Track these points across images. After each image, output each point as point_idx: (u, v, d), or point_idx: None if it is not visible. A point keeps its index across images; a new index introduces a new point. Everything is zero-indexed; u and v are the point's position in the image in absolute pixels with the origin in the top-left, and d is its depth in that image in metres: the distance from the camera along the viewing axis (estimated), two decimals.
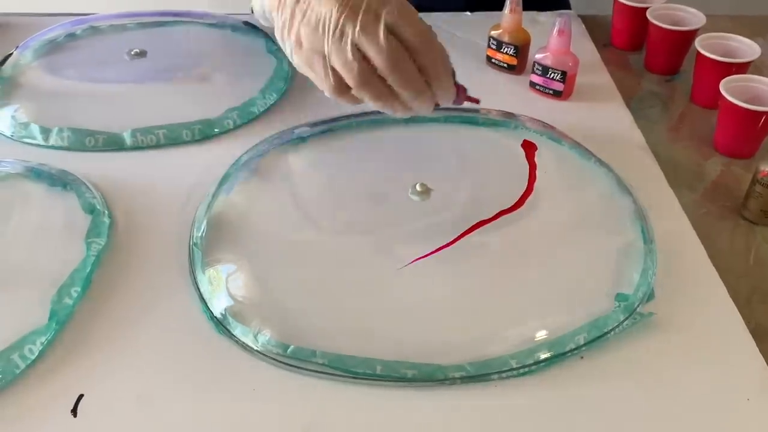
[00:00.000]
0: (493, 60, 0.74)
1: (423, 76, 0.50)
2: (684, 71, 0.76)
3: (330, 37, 0.48)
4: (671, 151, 0.65)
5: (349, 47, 0.48)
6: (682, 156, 0.65)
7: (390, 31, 0.48)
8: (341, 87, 0.50)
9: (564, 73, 0.67)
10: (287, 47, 0.52)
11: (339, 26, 0.48)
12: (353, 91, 0.50)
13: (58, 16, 0.81)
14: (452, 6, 0.84)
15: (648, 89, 0.74)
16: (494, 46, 0.73)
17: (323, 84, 0.51)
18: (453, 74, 0.53)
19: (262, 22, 0.54)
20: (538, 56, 0.68)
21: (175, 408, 0.43)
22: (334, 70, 0.49)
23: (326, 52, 0.49)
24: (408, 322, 0.47)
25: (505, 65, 0.73)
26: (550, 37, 0.67)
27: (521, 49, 0.72)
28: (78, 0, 1.01)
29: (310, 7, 0.49)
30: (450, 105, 0.54)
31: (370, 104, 0.51)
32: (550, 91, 0.69)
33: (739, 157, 0.64)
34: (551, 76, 0.68)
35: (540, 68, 0.69)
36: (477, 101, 0.56)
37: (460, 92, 0.55)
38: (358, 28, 0.47)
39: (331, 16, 0.48)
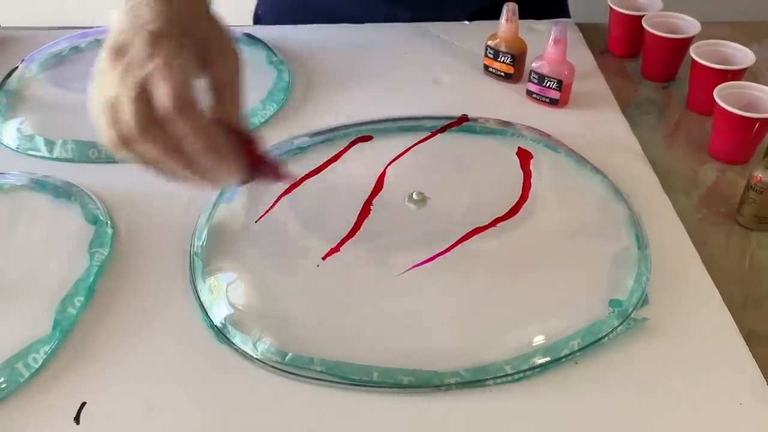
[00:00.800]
0: (490, 69, 0.75)
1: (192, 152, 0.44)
2: (680, 78, 0.76)
3: (97, 91, 0.44)
4: (667, 157, 0.66)
5: (108, 100, 0.43)
6: (677, 162, 0.65)
7: (147, 93, 0.43)
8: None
9: (560, 82, 0.68)
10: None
11: (99, 77, 0.44)
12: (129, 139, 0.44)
13: (63, 30, 0.82)
14: (452, 16, 0.85)
15: (644, 96, 0.75)
16: (491, 56, 0.74)
17: (106, 135, 0.45)
18: (256, 144, 0.48)
19: None
20: (534, 65, 0.69)
21: (176, 415, 0.44)
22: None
23: (105, 98, 0.44)
24: (405, 329, 0.48)
25: (503, 74, 0.74)
26: (547, 45, 0.68)
27: (518, 58, 0.72)
28: (83, 13, 1.03)
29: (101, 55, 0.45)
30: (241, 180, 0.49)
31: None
32: (547, 99, 0.70)
33: (734, 163, 0.64)
34: (548, 85, 0.69)
35: (536, 77, 0.69)
36: (295, 178, 0.52)
37: (263, 168, 0.49)
38: (115, 84, 0.43)
39: (101, 67, 0.44)
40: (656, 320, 0.49)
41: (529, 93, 0.71)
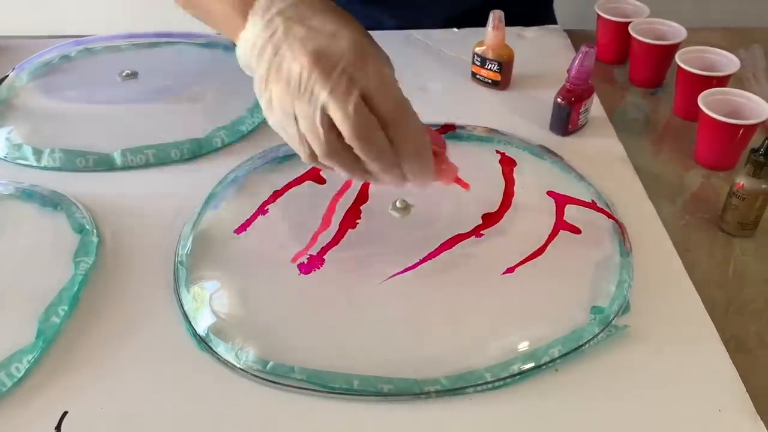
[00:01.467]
0: (478, 76, 0.75)
1: (395, 150, 0.45)
2: (667, 84, 0.77)
3: (298, 97, 0.43)
4: (653, 163, 0.66)
5: (317, 113, 0.43)
6: (663, 168, 0.66)
7: (364, 98, 0.43)
8: (315, 154, 0.46)
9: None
10: (263, 107, 0.47)
11: (308, 87, 0.43)
12: (320, 159, 0.46)
13: (54, 39, 0.82)
14: (437, 22, 0.86)
15: (631, 102, 0.75)
16: (478, 63, 0.74)
17: (298, 150, 0.47)
18: (444, 147, 0.50)
19: (248, 73, 0.49)
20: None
21: (158, 424, 0.44)
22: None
23: (295, 115, 0.44)
24: (386, 337, 0.48)
25: (489, 81, 0.74)
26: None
27: (504, 66, 0.73)
28: (74, 22, 1.04)
29: (285, 63, 0.44)
30: (429, 183, 0.49)
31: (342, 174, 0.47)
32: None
33: (719, 170, 0.65)
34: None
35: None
36: (467, 186, 0.53)
37: (448, 172, 0.51)
38: (327, 91, 0.42)
39: (300, 75, 0.43)
40: (637, 327, 0.49)
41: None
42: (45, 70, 0.77)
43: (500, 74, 0.73)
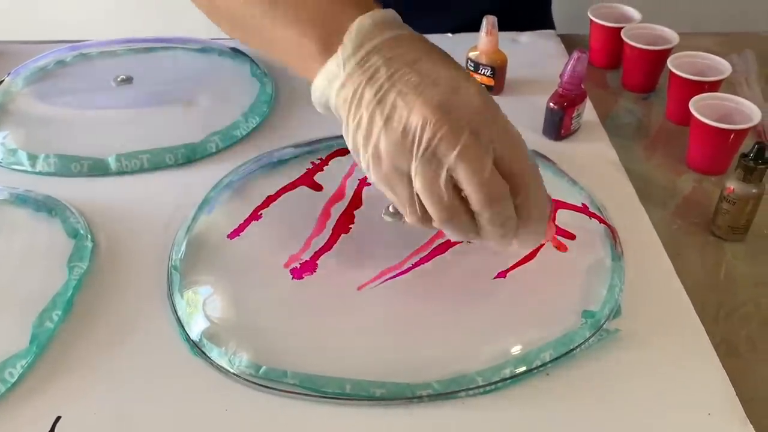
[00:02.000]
0: None
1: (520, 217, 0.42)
2: (660, 89, 0.77)
3: (418, 156, 0.39)
4: (645, 167, 0.67)
5: (442, 174, 0.39)
6: (655, 173, 0.66)
7: (494, 162, 0.39)
8: (427, 216, 0.42)
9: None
10: (362, 159, 0.42)
11: (432, 146, 0.38)
12: (434, 224, 0.42)
13: (50, 44, 0.83)
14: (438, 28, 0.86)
15: (624, 107, 0.76)
16: (472, 68, 0.74)
17: (404, 209, 0.42)
18: (554, 210, 0.48)
19: (320, 110, 0.45)
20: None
21: (150, 429, 0.44)
22: (419, 196, 0.41)
23: (412, 174, 0.40)
24: (378, 341, 0.49)
25: (483, 86, 0.75)
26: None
27: (498, 71, 0.73)
28: (70, 27, 1.04)
29: (396, 113, 0.39)
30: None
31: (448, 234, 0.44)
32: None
33: (711, 174, 0.65)
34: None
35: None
36: (564, 248, 0.53)
37: (549, 233, 0.50)
38: (457, 152, 0.38)
39: (423, 130, 0.38)
40: (628, 331, 0.49)
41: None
42: (40, 75, 0.77)
43: (494, 79, 0.74)
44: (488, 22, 0.71)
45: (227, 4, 0.48)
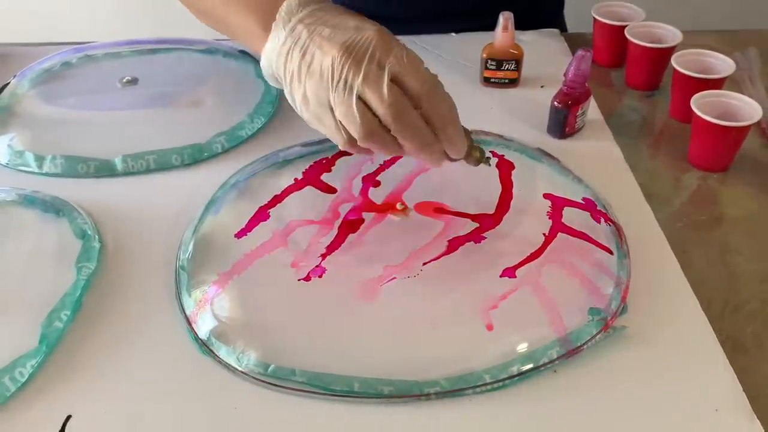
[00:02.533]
0: (492, 80, 0.76)
1: (430, 126, 0.48)
2: (664, 86, 0.77)
3: (333, 89, 0.47)
4: (650, 165, 0.67)
5: (353, 99, 0.46)
6: (660, 170, 0.66)
7: (394, 80, 0.47)
8: (353, 139, 0.49)
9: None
10: (296, 105, 0.51)
11: (342, 77, 0.47)
12: (359, 143, 0.49)
13: (56, 46, 0.83)
14: (440, 28, 0.86)
15: (628, 105, 0.76)
16: (493, 67, 0.75)
17: (335, 137, 0.50)
18: (467, 132, 0.52)
19: (272, 83, 0.53)
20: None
21: (160, 429, 0.44)
22: (342, 122, 0.48)
23: (332, 105, 0.48)
24: (386, 340, 0.49)
25: (507, 81, 0.75)
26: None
27: (518, 64, 0.74)
28: (75, 29, 1.04)
29: (315, 59, 0.48)
30: (461, 159, 0.53)
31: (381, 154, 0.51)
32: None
33: (713, 171, 0.65)
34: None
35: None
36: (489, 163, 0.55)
37: (474, 151, 0.53)
38: (360, 78, 0.46)
39: (333, 67, 0.47)
40: (635, 328, 0.49)
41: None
42: (46, 77, 0.77)
43: (517, 72, 0.75)
44: (504, 18, 0.72)
45: None
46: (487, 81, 0.76)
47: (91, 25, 1.37)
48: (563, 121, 0.67)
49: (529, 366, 0.47)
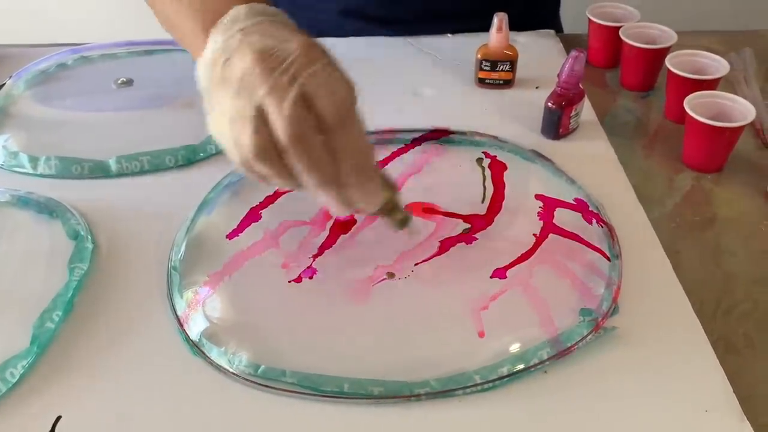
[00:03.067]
0: (487, 81, 0.76)
1: (336, 163, 0.41)
2: (659, 87, 0.77)
3: (234, 96, 0.41)
4: (643, 165, 0.67)
5: (251, 110, 0.40)
6: (653, 171, 0.66)
7: (304, 98, 0.40)
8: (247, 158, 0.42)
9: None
10: (207, 117, 0.45)
11: (246, 83, 0.40)
12: (250, 161, 0.42)
13: (51, 47, 0.83)
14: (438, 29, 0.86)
15: (623, 106, 0.76)
16: (487, 68, 0.75)
17: (231, 153, 0.43)
18: (393, 189, 0.46)
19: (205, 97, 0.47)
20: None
21: (150, 429, 0.44)
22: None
23: (230, 116, 0.41)
24: (376, 340, 0.49)
25: (501, 82, 0.76)
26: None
27: (513, 65, 0.75)
28: (71, 30, 1.04)
29: (231, 65, 0.41)
30: (372, 213, 0.46)
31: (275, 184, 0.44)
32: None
33: (707, 172, 0.65)
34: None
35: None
36: (417, 232, 0.50)
37: (395, 213, 0.48)
38: (265, 88, 0.39)
39: (243, 74, 0.40)
40: (626, 329, 0.49)
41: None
42: (42, 78, 0.77)
43: (511, 73, 0.75)
44: (499, 19, 0.72)
45: (153, 2, 0.54)
46: (481, 82, 0.76)
47: (87, 27, 1.38)
48: (557, 122, 0.67)
49: (520, 367, 0.47)
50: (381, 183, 0.44)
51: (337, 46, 0.50)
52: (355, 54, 0.81)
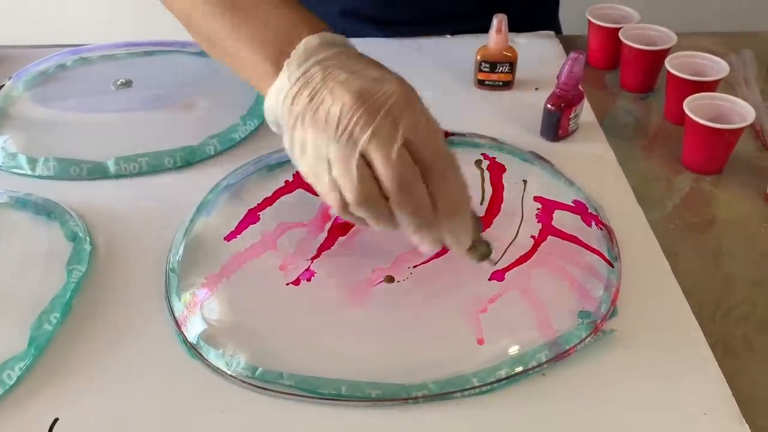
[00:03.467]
0: (486, 82, 0.76)
1: (434, 208, 0.42)
2: (659, 89, 0.77)
3: (335, 139, 0.40)
4: (643, 167, 0.67)
5: (356, 155, 0.40)
6: (653, 172, 0.66)
7: (406, 145, 0.40)
8: (347, 203, 0.43)
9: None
10: (294, 154, 0.44)
11: (348, 128, 0.40)
12: (351, 208, 0.43)
13: (51, 48, 0.83)
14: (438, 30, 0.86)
15: (623, 107, 0.76)
16: (487, 69, 0.75)
17: (329, 197, 0.43)
18: (479, 226, 0.46)
19: (273, 128, 0.47)
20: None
21: (147, 431, 0.44)
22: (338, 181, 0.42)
23: (330, 159, 0.41)
24: (374, 343, 0.49)
25: (501, 83, 0.75)
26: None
27: (512, 66, 0.74)
28: (71, 31, 1.04)
29: (323, 105, 0.41)
30: (462, 254, 0.47)
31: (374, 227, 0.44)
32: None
33: (706, 174, 0.65)
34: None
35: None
36: (494, 263, 0.50)
37: (479, 247, 0.48)
38: (368, 134, 0.40)
39: (341, 116, 0.40)
40: (625, 331, 0.49)
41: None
42: (41, 79, 0.77)
43: (511, 74, 0.75)
44: (498, 20, 0.72)
45: (198, 22, 0.51)
46: (481, 83, 0.76)
47: (86, 27, 1.38)
48: (556, 124, 0.67)
49: (518, 369, 0.47)
50: (472, 222, 0.45)
51: None
52: None
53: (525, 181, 0.61)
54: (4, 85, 0.76)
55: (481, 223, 0.48)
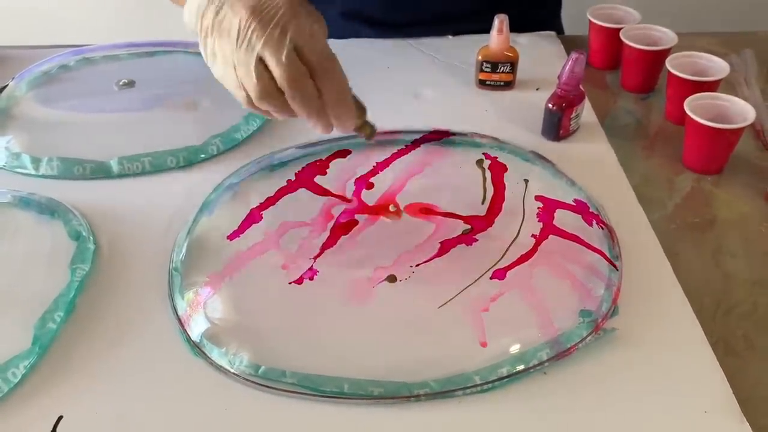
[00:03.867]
0: (488, 82, 0.76)
1: (321, 98, 0.51)
2: (659, 89, 0.77)
3: (236, 48, 0.49)
4: (644, 167, 0.67)
5: (253, 60, 0.49)
6: (654, 172, 0.66)
7: (295, 49, 0.49)
8: (251, 98, 0.51)
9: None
10: (206, 59, 0.53)
11: (246, 38, 0.49)
12: (255, 102, 0.51)
13: (54, 48, 0.83)
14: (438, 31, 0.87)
15: (623, 107, 0.76)
16: (488, 69, 0.75)
17: (236, 94, 0.52)
18: (363, 111, 0.55)
19: (191, 36, 0.55)
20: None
21: (151, 429, 0.45)
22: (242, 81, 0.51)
23: (234, 63, 0.50)
24: (376, 341, 0.49)
25: (502, 83, 0.76)
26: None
27: (513, 66, 0.75)
28: (74, 32, 1.05)
29: (225, 18, 0.50)
30: (350, 134, 0.56)
31: (276, 116, 0.53)
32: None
33: (707, 173, 0.65)
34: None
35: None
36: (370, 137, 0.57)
37: (365, 128, 0.56)
38: (263, 41, 0.48)
39: (240, 28, 0.49)
40: (626, 330, 0.50)
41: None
42: (44, 79, 0.78)
43: (512, 74, 0.75)
44: (499, 20, 0.72)
45: None
46: (482, 83, 0.76)
47: (89, 28, 1.38)
48: (557, 124, 0.67)
49: (520, 367, 0.47)
50: (354, 108, 0.53)
51: (337, 48, 0.51)
52: (355, 56, 0.81)
53: (526, 181, 0.62)
54: (7, 85, 0.77)
55: (365, 109, 0.55)
